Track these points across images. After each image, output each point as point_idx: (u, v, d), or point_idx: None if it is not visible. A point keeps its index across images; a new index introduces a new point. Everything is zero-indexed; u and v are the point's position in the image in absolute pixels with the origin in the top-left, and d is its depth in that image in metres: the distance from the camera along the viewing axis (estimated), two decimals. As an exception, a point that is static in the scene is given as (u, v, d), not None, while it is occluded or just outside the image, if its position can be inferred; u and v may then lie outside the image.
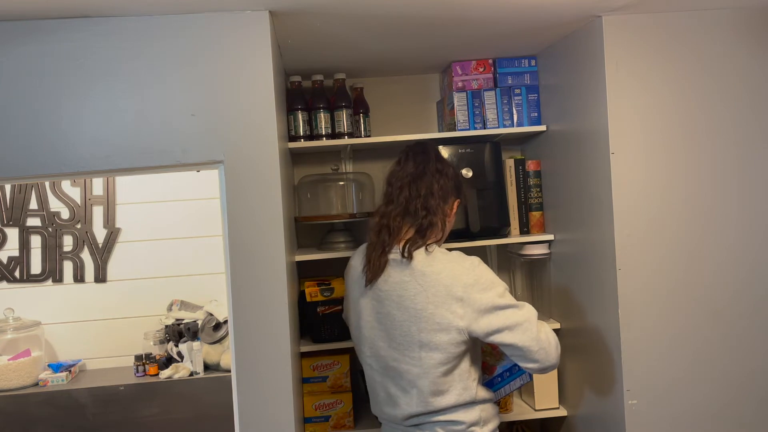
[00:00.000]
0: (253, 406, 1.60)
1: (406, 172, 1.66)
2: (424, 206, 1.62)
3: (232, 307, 1.60)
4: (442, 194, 1.64)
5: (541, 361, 1.57)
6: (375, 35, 1.87)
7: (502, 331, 1.54)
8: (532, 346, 1.54)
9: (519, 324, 1.54)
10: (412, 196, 1.63)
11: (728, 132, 1.82)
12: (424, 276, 1.56)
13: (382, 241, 1.62)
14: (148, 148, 1.57)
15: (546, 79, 2.21)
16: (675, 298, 1.81)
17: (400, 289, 1.57)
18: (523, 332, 1.54)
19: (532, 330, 1.55)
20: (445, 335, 1.53)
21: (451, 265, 1.56)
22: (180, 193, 2.93)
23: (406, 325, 1.56)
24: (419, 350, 1.55)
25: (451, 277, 1.54)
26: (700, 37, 1.81)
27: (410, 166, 1.67)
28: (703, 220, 1.82)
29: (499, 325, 1.53)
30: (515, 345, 1.55)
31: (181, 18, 1.57)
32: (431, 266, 1.56)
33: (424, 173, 1.65)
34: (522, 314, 1.56)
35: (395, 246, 1.61)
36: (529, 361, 1.57)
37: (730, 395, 1.83)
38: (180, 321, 2.81)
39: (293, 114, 2.18)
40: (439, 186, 1.64)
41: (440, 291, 1.54)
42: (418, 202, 1.62)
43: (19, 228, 2.87)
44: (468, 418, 1.59)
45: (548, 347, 1.57)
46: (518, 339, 1.54)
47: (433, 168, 1.66)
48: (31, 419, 2.59)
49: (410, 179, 1.65)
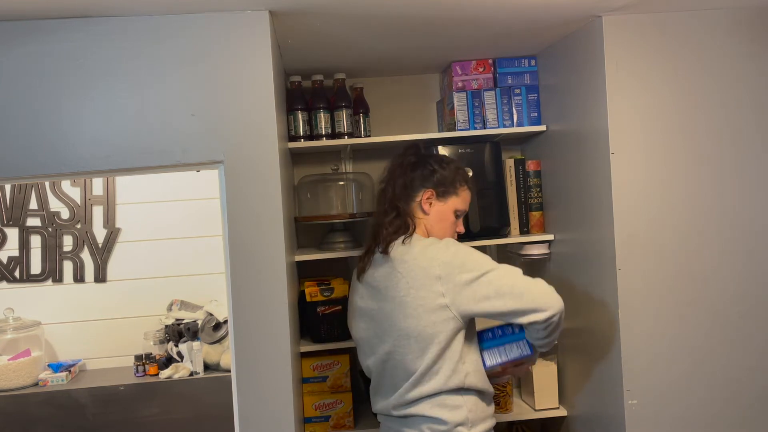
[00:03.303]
0: (253, 406, 1.60)
1: (383, 177, 1.81)
2: (393, 207, 1.72)
3: (232, 307, 1.60)
4: (405, 191, 1.73)
5: (542, 309, 1.54)
6: (375, 35, 1.87)
7: (490, 297, 1.55)
8: (524, 297, 1.54)
9: (504, 284, 1.55)
10: (386, 199, 1.74)
11: (728, 132, 1.82)
12: (404, 263, 1.61)
13: (369, 243, 1.75)
14: (148, 148, 1.57)
15: (546, 79, 2.21)
16: (675, 298, 1.81)
17: (385, 281, 1.64)
18: (510, 289, 1.54)
19: (519, 284, 1.56)
20: (430, 316, 1.56)
21: (426, 248, 1.62)
22: (180, 193, 2.93)
23: (394, 313, 1.60)
24: (408, 337, 1.58)
25: (428, 259, 1.59)
26: (699, 37, 1.81)
27: (386, 171, 1.80)
28: (703, 219, 1.82)
29: (485, 293, 1.55)
30: (507, 307, 1.55)
31: (181, 18, 1.57)
32: (409, 253, 1.63)
33: (391, 175, 1.77)
34: (504, 274, 1.57)
35: (380, 244, 1.69)
36: (527, 314, 1.54)
37: (730, 395, 1.83)
38: (180, 321, 2.81)
39: (293, 114, 2.18)
40: (403, 182, 1.73)
41: (419, 274, 1.58)
42: (387, 204, 1.73)
43: (19, 228, 2.87)
44: (453, 418, 1.57)
45: (544, 293, 1.56)
46: (509, 299, 1.54)
47: (397, 166, 1.76)
48: (31, 419, 2.59)
49: (384, 184, 1.78)
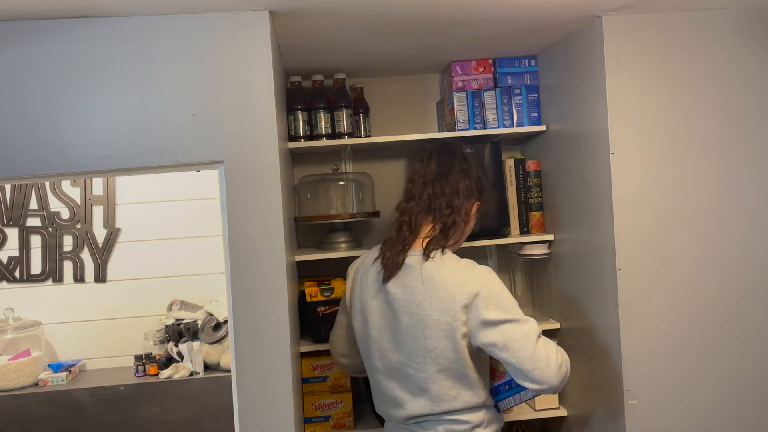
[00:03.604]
0: (253, 406, 1.60)
1: (430, 170, 1.65)
2: (449, 204, 1.61)
3: (232, 307, 1.60)
4: (466, 194, 1.64)
5: (537, 381, 1.49)
6: (375, 35, 1.87)
7: (497, 345, 1.50)
8: (526, 364, 1.48)
9: (515, 340, 1.49)
10: (436, 194, 1.62)
11: (728, 132, 1.82)
12: (431, 281, 1.54)
13: (403, 237, 1.61)
14: (148, 148, 1.57)
15: (546, 79, 2.21)
16: (675, 297, 1.81)
17: (408, 294, 1.56)
18: (517, 349, 1.48)
19: (528, 348, 1.49)
20: (449, 342, 1.52)
21: (459, 272, 1.54)
22: (180, 193, 2.93)
23: (412, 330, 1.55)
24: (424, 356, 1.54)
25: (458, 285, 1.52)
26: (700, 37, 1.81)
27: (434, 165, 1.66)
28: (703, 219, 1.82)
29: (494, 340, 1.50)
30: (509, 362, 1.50)
31: (181, 18, 1.57)
32: (439, 272, 1.55)
33: (449, 172, 1.64)
34: (521, 330, 1.50)
35: (415, 244, 1.60)
36: (525, 379, 1.51)
37: (730, 395, 1.83)
38: (180, 321, 2.82)
39: (293, 114, 2.18)
40: (464, 185, 1.64)
41: (445, 297, 1.52)
42: (443, 199, 1.61)
43: (19, 228, 2.88)
44: (473, 419, 1.58)
45: (545, 368, 1.49)
46: (512, 356, 1.49)
47: (458, 167, 1.65)
48: (31, 419, 2.59)
49: (434, 177, 1.64)
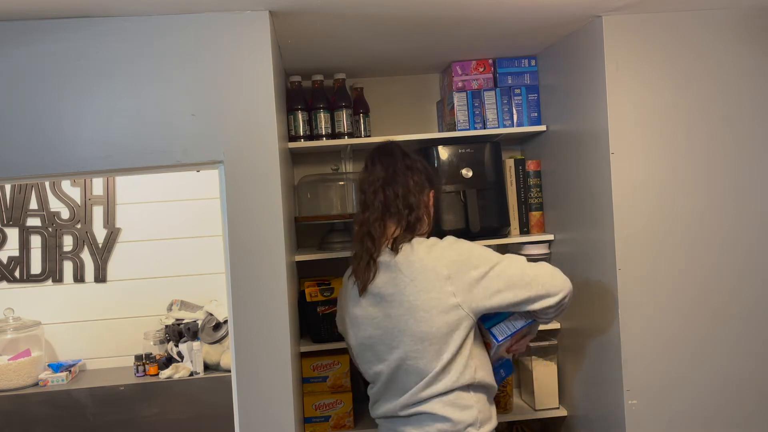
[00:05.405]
0: (253, 406, 1.60)
1: (377, 176, 1.67)
2: (406, 204, 1.64)
3: (232, 307, 1.60)
4: (419, 188, 1.68)
5: (551, 293, 1.57)
6: (375, 35, 1.87)
7: (501, 290, 1.56)
8: (534, 286, 1.56)
9: (513, 275, 1.56)
10: (390, 198, 1.64)
11: (728, 132, 1.82)
12: (409, 266, 1.57)
13: (367, 248, 1.63)
14: (148, 148, 1.57)
15: (546, 79, 2.21)
16: (675, 297, 1.81)
17: (391, 286, 1.59)
18: (520, 280, 1.56)
19: (527, 273, 1.57)
20: (443, 317, 1.54)
21: (431, 249, 1.59)
22: (180, 193, 2.93)
23: (403, 319, 1.57)
24: (422, 341, 1.55)
25: (434, 259, 1.57)
26: (700, 37, 1.81)
27: (379, 170, 1.68)
28: (703, 219, 1.82)
29: (497, 287, 1.55)
30: (519, 298, 1.56)
31: (181, 18, 1.57)
32: (414, 254, 1.59)
33: (396, 173, 1.67)
34: (509, 264, 1.58)
35: (382, 248, 1.62)
36: (540, 300, 1.57)
37: (730, 395, 1.83)
38: (180, 321, 2.81)
39: (293, 114, 2.18)
40: (414, 182, 1.67)
41: (428, 275, 1.55)
42: (399, 202, 1.64)
43: (19, 228, 2.87)
44: (464, 418, 1.57)
45: (548, 278, 1.58)
46: (519, 290, 1.56)
47: (402, 166, 1.68)
48: (31, 419, 2.59)
49: (382, 182, 1.66)
